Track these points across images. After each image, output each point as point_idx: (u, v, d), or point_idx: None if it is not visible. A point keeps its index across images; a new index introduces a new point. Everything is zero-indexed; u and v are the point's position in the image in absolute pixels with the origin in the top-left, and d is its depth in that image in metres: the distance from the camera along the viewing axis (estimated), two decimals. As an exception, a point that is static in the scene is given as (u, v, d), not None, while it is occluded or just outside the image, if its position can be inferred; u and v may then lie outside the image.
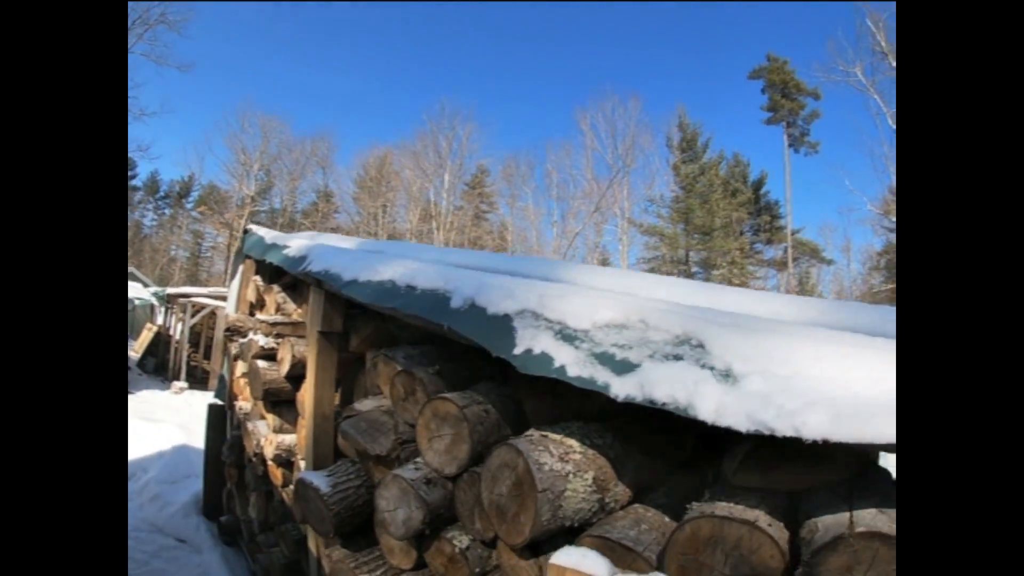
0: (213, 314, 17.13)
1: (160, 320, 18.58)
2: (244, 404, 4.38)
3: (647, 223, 34.54)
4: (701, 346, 1.27)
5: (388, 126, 68.85)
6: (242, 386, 4.51)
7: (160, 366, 17.19)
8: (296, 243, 3.39)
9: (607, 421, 1.88)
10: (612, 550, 1.35)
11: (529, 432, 1.73)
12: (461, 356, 2.66)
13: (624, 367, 1.32)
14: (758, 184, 35.19)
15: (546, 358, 1.47)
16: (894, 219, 24.70)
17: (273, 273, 4.69)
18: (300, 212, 39.87)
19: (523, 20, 53.39)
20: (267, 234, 4.23)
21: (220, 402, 5.31)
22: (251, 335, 3.64)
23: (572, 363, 1.45)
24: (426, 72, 56.90)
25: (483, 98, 60.02)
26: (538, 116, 55.63)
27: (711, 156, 34.40)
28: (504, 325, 1.61)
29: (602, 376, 1.39)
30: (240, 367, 4.52)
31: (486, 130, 43.61)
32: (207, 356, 17.57)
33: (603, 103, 35.48)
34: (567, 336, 1.51)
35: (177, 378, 15.12)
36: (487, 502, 1.62)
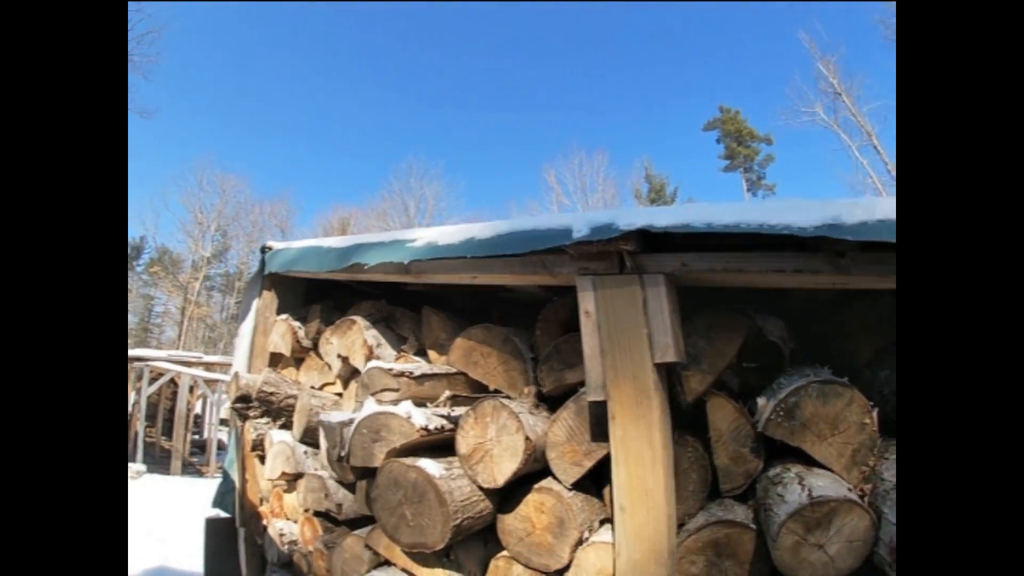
0: (173, 383, 14.77)
1: (109, 390, 15.93)
2: (285, 526, 2.57)
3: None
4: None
5: (350, 190, 67.50)
6: (276, 495, 2.73)
7: (108, 445, 14.58)
8: (448, 228, 1.78)
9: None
10: None
11: None
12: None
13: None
14: (720, 230, 35.31)
15: None
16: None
17: (327, 306, 2.99)
18: (257, 277, 37.33)
19: (490, 83, 54.14)
20: (328, 240, 2.58)
21: (223, 514, 3.43)
22: (373, 404, 1.81)
23: None
24: (393, 132, 56.26)
25: (449, 160, 59.93)
26: (504, 178, 55.74)
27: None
28: None
29: None
30: (271, 464, 2.72)
31: (452, 191, 42.88)
32: (166, 433, 15.06)
33: (570, 160, 35.27)
34: None
35: (132, 459, 12.61)
36: None
